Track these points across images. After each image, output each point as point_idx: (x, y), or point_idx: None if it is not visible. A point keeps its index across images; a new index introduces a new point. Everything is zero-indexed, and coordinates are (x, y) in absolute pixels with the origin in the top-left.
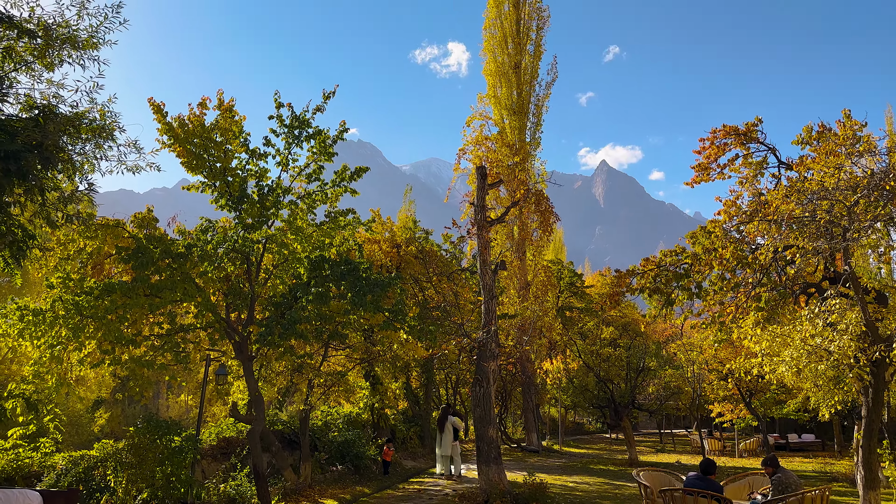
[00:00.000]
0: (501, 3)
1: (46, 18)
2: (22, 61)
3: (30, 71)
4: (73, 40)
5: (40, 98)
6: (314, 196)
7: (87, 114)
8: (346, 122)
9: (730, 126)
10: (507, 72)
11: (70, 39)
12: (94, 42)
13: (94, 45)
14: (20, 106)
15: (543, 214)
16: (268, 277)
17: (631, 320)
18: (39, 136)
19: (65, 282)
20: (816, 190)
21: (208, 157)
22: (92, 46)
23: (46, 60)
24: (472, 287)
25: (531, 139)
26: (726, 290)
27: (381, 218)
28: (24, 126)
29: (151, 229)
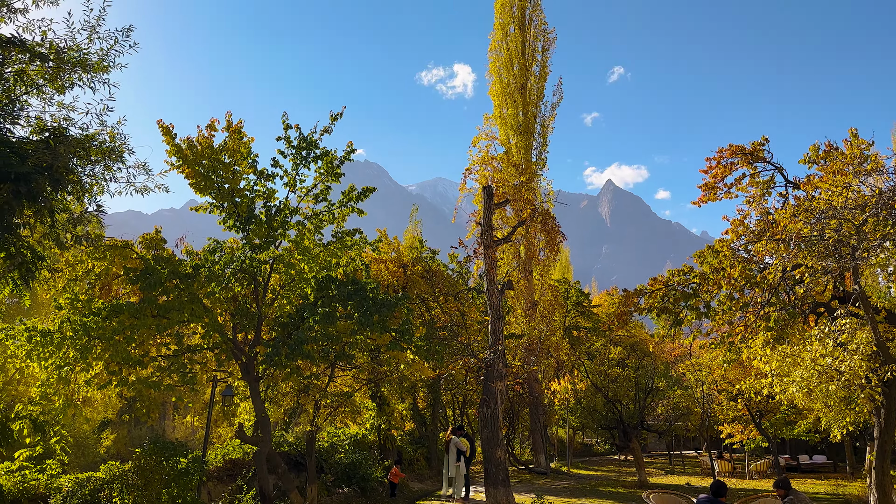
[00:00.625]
0: (507, 26)
1: (58, 42)
2: (33, 84)
3: (41, 94)
4: (83, 63)
5: (51, 121)
6: (321, 216)
7: (97, 136)
8: (353, 143)
9: (736, 146)
10: (512, 93)
11: (81, 63)
12: (105, 65)
13: (104, 68)
14: (31, 128)
15: (550, 234)
16: (275, 298)
17: (639, 340)
18: (50, 159)
19: (73, 303)
20: (824, 209)
21: (216, 179)
22: (102, 69)
23: (57, 83)
24: (478, 307)
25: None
26: (735, 309)
27: (387, 238)
28: (35, 148)
29: (159, 250)
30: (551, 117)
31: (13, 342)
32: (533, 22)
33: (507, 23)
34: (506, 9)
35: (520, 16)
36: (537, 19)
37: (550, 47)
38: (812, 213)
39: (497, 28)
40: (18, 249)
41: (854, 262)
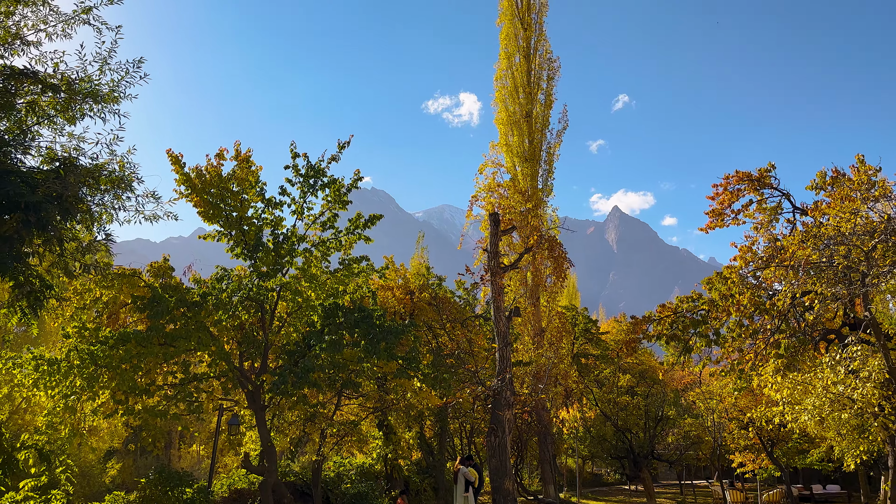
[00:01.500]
0: (512, 55)
1: (70, 74)
2: (45, 115)
3: (52, 124)
4: (94, 94)
5: (61, 150)
6: (328, 244)
7: (107, 165)
8: (361, 171)
9: (743, 172)
10: (518, 121)
11: (92, 94)
12: (115, 96)
13: (115, 98)
14: (42, 158)
15: (557, 260)
16: (281, 325)
17: (648, 367)
18: (60, 188)
19: (80, 331)
20: (833, 235)
21: (225, 207)
22: (113, 100)
23: (69, 114)
24: (485, 334)
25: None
26: (745, 336)
27: (394, 265)
28: (46, 178)
29: (167, 278)
30: (557, 144)
31: (20, 371)
32: (538, 51)
33: (512, 52)
34: (511, 39)
35: (525, 45)
36: (542, 49)
37: (555, 76)
38: (820, 239)
39: (502, 58)
40: (27, 278)
41: (864, 289)
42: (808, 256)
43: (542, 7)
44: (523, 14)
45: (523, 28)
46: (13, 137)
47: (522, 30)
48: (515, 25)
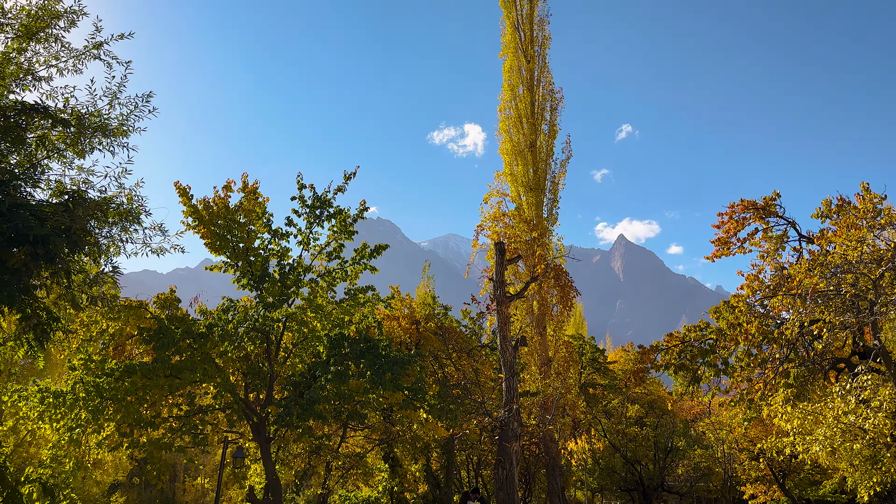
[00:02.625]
0: (515, 87)
1: (80, 108)
2: (54, 149)
3: (61, 158)
4: (104, 128)
5: (70, 184)
6: (334, 274)
7: (115, 198)
8: (366, 201)
9: (748, 200)
10: (522, 150)
11: (101, 127)
12: (125, 129)
13: (124, 132)
14: (51, 191)
15: (563, 289)
16: (287, 356)
17: (657, 398)
18: (68, 221)
19: (86, 363)
20: (840, 263)
21: (231, 238)
22: (122, 134)
23: (78, 148)
24: (492, 364)
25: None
26: (753, 366)
27: (400, 294)
28: (54, 211)
29: (174, 310)
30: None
31: (26, 404)
32: (541, 83)
33: (515, 84)
34: (514, 71)
35: (528, 77)
36: (545, 80)
37: (558, 106)
38: (827, 267)
39: (506, 89)
40: (34, 311)
41: (873, 317)
42: (815, 285)
43: (545, 40)
44: (526, 47)
45: (526, 60)
46: (23, 171)
47: (525, 62)
48: (519, 58)
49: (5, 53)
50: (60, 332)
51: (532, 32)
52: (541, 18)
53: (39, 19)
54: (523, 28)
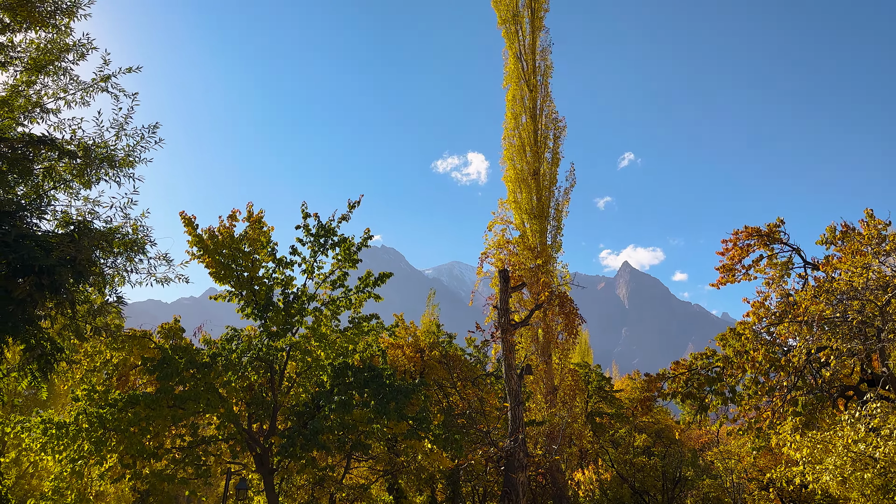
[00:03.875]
0: (518, 115)
1: (86, 140)
2: (61, 180)
3: (68, 189)
4: (110, 159)
5: (76, 214)
6: (338, 302)
7: (121, 229)
8: (371, 229)
9: (752, 227)
10: (526, 178)
11: (108, 159)
12: (131, 160)
13: (130, 163)
14: (57, 222)
15: (568, 316)
16: (291, 386)
17: (665, 427)
18: (74, 251)
19: (90, 394)
20: (845, 290)
21: (236, 267)
22: (128, 165)
23: (84, 179)
24: (497, 392)
25: (552, 242)
26: (761, 394)
27: (404, 322)
28: (60, 241)
29: (177, 339)
30: (565, 202)
31: (28, 435)
32: (543, 112)
33: (518, 113)
34: (517, 100)
35: (531, 106)
36: (547, 109)
37: (561, 135)
38: (833, 294)
39: (509, 118)
40: (38, 341)
41: (880, 344)
42: (821, 312)
43: (547, 69)
44: (529, 76)
45: (529, 90)
46: (29, 202)
47: (528, 91)
48: (521, 87)
49: (14, 86)
50: (64, 362)
51: (534, 62)
52: (543, 48)
53: (49, 53)
54: (526, 58)
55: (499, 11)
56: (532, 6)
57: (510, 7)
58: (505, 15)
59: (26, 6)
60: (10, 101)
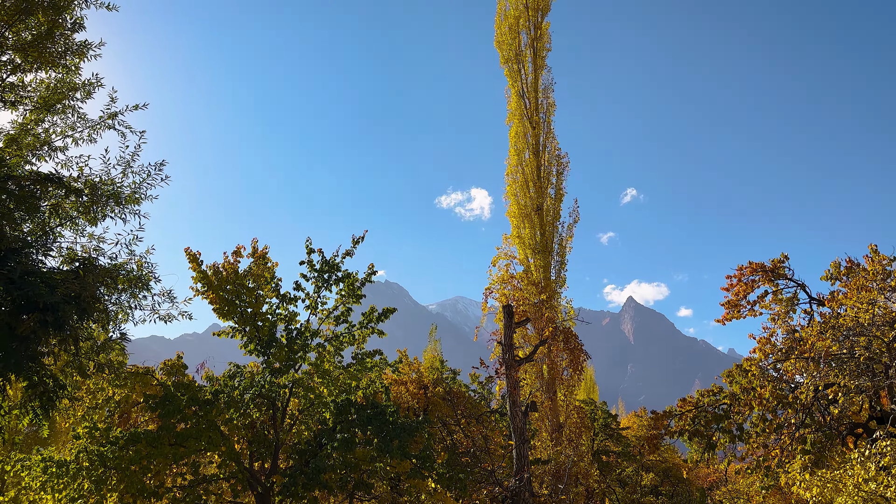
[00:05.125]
0: (521, 152)
1: (93, 177)
2: (67, 217)
3: (74, 225)
4: (116, 196)
5: (81, 251)
6: (342, 338)
7: (125, 265)
8: (374, 265)
9: (756, 263)
10: (529, 214)
11: (114, 195)
12: (137, 197)
13: (136, 200)
14: (62, 258)
15: (573, 352)
16: (293, 423)
17: (672, 465)
18: (78, 288)
19: (91, 431)
20: (852, 326)
21: (240, 303)
22: (134, 202)
23: (90, 216)
24: (502, 430)
25: (556, 277)
26: (769, 431)
27: (407, 358)
28: (65, 278)
29: (180, 376)
30: (569, 237)
31: (28, 473)
32: (546, 148)
33: (521, 149)
34: (520, 136)
35: (534, 143)
36: (550, 146)
37: (564, 171)
38: (839, 330)
39: (512, 154)
40: (41, 378)
41: (888, 381)
42: (828, 348)
43: (549, 107)
44: (531, 114)
45: (532, 127)
46: (36, 239)
47: (531, 128)
48: (524, 124)
49: (23, 125)
50: (66, 399)
51: (537, 100)
52: (545, 86)
53: (58, 92)
54: (528, 96)
55: (501, 51)
56: (534, 46)
57: (513, 46)
58: (508, 54)
59: (38, 47)
60: (18, 139)
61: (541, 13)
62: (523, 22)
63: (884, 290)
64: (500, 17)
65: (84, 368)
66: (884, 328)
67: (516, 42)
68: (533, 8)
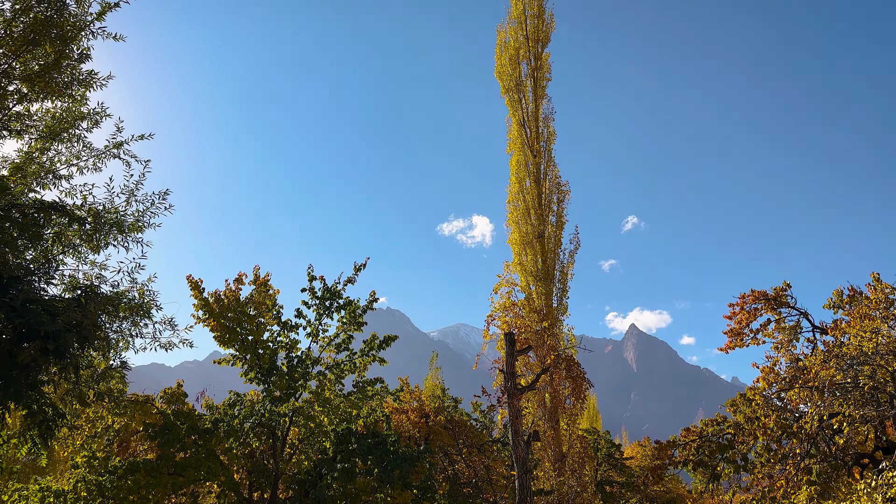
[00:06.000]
0: (523, 180)
1: (97, 205)
2: (70, 244)
3: (76, 253)
4: (119, 224)
5: (83, 278)
6: (343, 366)
7: (127, 293)
8: (376, 292)
9: (758, 291)
10: (531, 241)
11: (117, 224)
12: (140, 226)
13: (139, 228)
14: (64, 286)
15: (575, 380)
16: (293, 453)
17: (676, 496)
18: (80, 316)
19: (89, 461)
20: (856, 355)
21: (241, 331)
22: (137, 230)
23: (93, 244)
24: (504, 460)
25: (558, 304)
26: (774, 461)
27: (409, 386)
28: (67, 306)
29: (180, 404)
30: (570, 264)
31: (26, 503)
32: (547, 176)
33: (522, 177)
34: (521, 165)
35: (534, 171)
36: (551, 174)
37: (565, 198)
38: (843, 359)
39: (513, 182)
40: (40, 407)
41: (893, 411)
42: (832, 377)
43: (550, 136)
44: (532, 142)
45: (533, 155)
46: (38, 267)
47: (532, 157)
48: (525, 152)
49: (28, 153)
50: (66, 428)
51: (537, 129)
52: (545, 116)
53: (63, 121)
54: (529, 125)
55: (502, 81)
56: (534, 76)
57: (513, 77)
58: (508, 84)
59: (45, 77)
60: (23, 167)
61: (541, 44)
62: (524, 53)
63: (887, 318)
64: (500, 48)
65: (84, 397)
66: (888, 357)
67: (517, 72)
68: (533, 39)
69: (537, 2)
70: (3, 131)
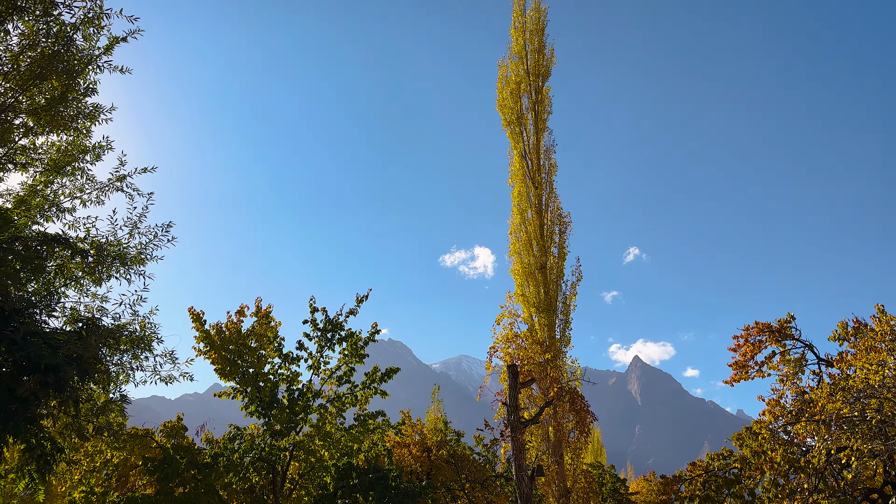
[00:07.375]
0: (524, 211)
1: (100, 238)
2: (72, 277)
3: (78, 286)
4: (122, 257)
5: (85, 311)
6: (344, 399)
7: (128, 326)
8: (378, 324)
9: (763, 323)
10: (533, 272)
11: (120, 256)
12: (142, 258)
13: (141, 260)
14: (65, 319)
15: (579, 413)
16: (293, 488)
17: None
18: (80, 349)
19: (87, 496)
20: (862, 388)
21: (242, 363)
22: (139, 262)
23: (95, 276)
24: (507, 495)
25: (561, 336)
26: (781, 497)
27: (410, 419)
28: (67, 339)
29: (179, 438)
30: (572, 295)
31: None
32: (549, 207)
33: (524, 208)
34: (523, 196)
35: (536, 202)
36: (553, 205)
37: (567, 230)
38: (850, 392)
39: (515, 213)
40: (39, 441)
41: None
42: (838, 410)
43: (551, 167)
44: (534, 174)
45: (534, 187)
46: (39, 299)
47: (534, 188)
48: (527, 184)
49: (33, 186)
50: (64, 462)
51: (539, 161)
52: (547, 148)
53: (68, 154)
54: (530, 157)
55: (503, 114)
56: (535, 109)
57: (514, 110)
58: (510, 117)
59: (51, 111)
60: (27, 199)
61: (541, 78)
62: (524, 87)
63: (893, 350)
64: (501, 82)
65: (83, 430)
66: (895, 390)
67: (518, 106)
68: (534, 73)
69: (538, 37)
70: (8, 164)
